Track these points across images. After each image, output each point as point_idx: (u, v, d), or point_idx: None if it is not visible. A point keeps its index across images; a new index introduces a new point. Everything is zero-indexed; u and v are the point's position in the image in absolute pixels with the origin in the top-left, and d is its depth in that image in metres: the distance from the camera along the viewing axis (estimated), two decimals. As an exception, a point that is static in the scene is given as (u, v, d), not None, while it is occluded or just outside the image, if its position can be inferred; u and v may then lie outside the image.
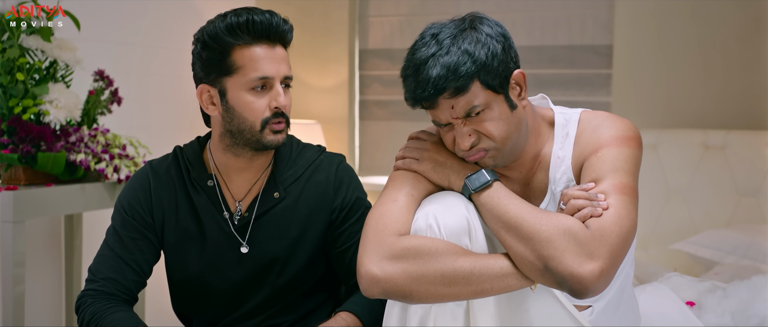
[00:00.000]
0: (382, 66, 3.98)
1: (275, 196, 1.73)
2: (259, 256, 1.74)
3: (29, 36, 2.44)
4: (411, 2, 3.91)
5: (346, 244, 1.76)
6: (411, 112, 3.92)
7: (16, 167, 2.43)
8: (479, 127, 1.46)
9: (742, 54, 3.24)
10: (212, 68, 1.66)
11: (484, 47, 1.43)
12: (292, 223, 1.74)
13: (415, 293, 1.38)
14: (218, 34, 1.63)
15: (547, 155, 1.55)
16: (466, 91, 1.42)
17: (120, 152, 2.58)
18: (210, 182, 1.75)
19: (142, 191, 1.77)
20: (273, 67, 1.65)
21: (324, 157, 1.80)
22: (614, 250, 1.33)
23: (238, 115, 1.66)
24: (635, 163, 1.46)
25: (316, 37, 3.95)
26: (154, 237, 1.76)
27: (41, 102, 2.42)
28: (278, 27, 1.65)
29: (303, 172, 1.76)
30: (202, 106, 1.71)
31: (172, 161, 1.79)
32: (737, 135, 3.10)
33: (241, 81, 1.64)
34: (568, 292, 1.33)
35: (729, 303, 2.11)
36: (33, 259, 2.71)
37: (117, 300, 1.71)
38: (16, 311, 2.32)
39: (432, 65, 1.42)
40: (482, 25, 1.46)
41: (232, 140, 1.69)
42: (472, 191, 1.45)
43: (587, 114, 1.56)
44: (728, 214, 3.06)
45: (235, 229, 1.74)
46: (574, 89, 3.57)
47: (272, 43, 1.66)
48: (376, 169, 4.03)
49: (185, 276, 1.77)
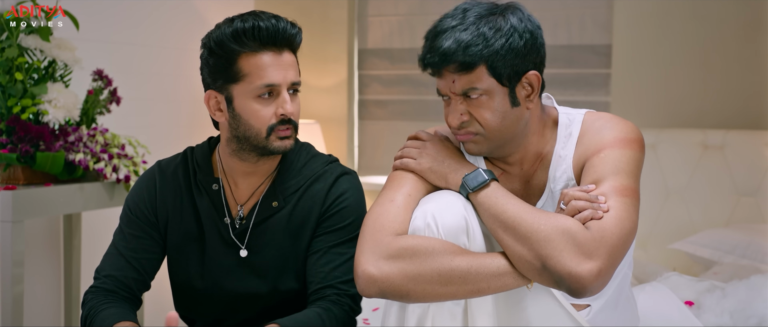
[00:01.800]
0: (381, 66, 3.98)
1: (273, 205, 1.71)
2: (256, 263, 1.73)
3: (28, 35, 2.44)
4: (410, 2, 3.91)
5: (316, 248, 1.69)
6: (410, 111, 3.92)
7: (15, 167, 2.43)
8: (474, 110, 1.47)
9: (740, 54, 3.24)
10: (219, 75, 1.64)
11: (503, 37, 1.44)
12: (285, 232, 1.71)
13: (412, 293, 1.38)
14: (224, 41, 1.61)
15: (549, 154, 1.56)
16: (470, 71, 1.44)
17: (119, 152, 2.58)
18: (215, 186, 1.73)
19: (147, 191, 1.77)
20: (280, 75, 1.62)
21: (329, 168, 1.75)
22: (613, 251, 1.33)
23: (245, 122, 1.64)
24: (637, 165, 1.46)
25: (315, 36, 3.95)
26: (159, 236, 1.76)
27: (40, 101, 2.42)
28: (285, 32, 1.63)
29: (305, 182, 1.73)
30: (210, 111, 1.70)
31: (180, 162, 1.78)
32: (736, 134, 3.10)
33: (247, 88, 1.62)
34: (565, 291, 1.33)
35: (728, 302, 2.11)
36: (32, 259, 2.71)
37: (116, 297, 1.71)
38: (14, 311, 2.31)
39: (448, 37, 1.45)
40: (512, 16, 1.47)
41: (238, 145, 1.68)
42: (469, 191, 1.45)
43: (591, 115, 1.56)
44: (727, 214, 3.06)
45: (235, 233, 1.73)
46: (573, 89, 3.57)
47: (279, 49, 1.63)
48: (375, 168, 4.03)
49: (186, 279, 1.77)
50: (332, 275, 1.66)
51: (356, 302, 1.68)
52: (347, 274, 1.67)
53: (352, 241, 1.68)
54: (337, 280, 1.66)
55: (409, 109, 3.93)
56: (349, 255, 1.67)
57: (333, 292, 1.65)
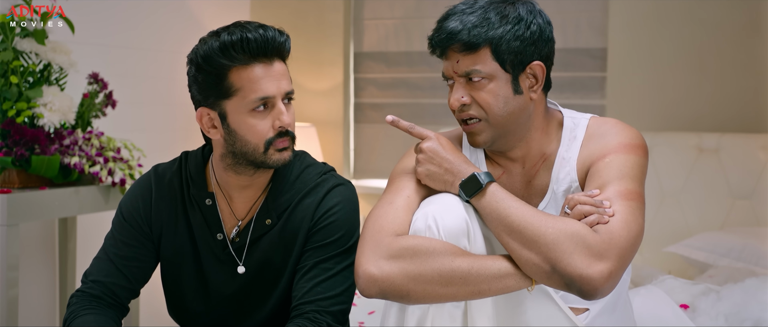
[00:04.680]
0: (377, 69, 3.98)
1: (266, 223, 1.67)
2: (249, 281, 1.70)
3: (23, 39, 2.44)
4: (406, 5, 3.91)
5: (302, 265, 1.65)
6: (406, 115, 3.92)
7: (10, 170, 2.42)
8: (476, 94, 1.49)
9: (736, 57, 3.25)
10: (210, 91, 1.59)
11: (509, 24, 1.48)
12: (277, 248, 1.68)
13: (413, 293, 1.38)
14: (212, 56, 1.55)
15: (552, 155, 1.57)
16: (474, 51, 1.47)
17: (114, 155, 2.58)
18: (208, 201, 1.69)
19: (142, 200, 1.73)
20: (273, 86, 1.57)
21: (322, 179, 1.69)
22: (622, 253, 1.34)
23: (241, 138, 1.59)
24: (642, 170, 1.48)
25: (310, 40, 3.95)
26: (152, 246, 1.73)
27: (35, 105, 2.41)
28: (274, 41, 1.58)
29: (297, 196, 1.67)
30: (203, 129, 1.64)
31: (176, 171, 1.73)
32: (731, 138, 3.11)
33: (241, 103, 1.57)
34: (576, 293, 1.33)
35: (723, 306, 2.12)
36: (27, 263, 2.71)
37: (100, 303, 1.68)
38: (9, 315, 2.31)
39: (456, 19, 1.49)
40: (522, 6, 1.50)
41: (234, 160, 1.63)
42: (467, 198, 1.45)
43: (596, 120, 1.58)
44: (722, 217, 3.07)
45: (231, 250, 1.69)
46: (569, 92, 3.57)
47: (270, 59, 1.58)
48: (371, 172, 4.03)
49: (179, 292, 1.75)
50: (314, 291, 1.61)
51: (338, 319, 1.62)
52: (331, 289, 1.62)
53: (339, 255, 1.64)
54: (318, 297, 1.60)
55: (404, 113, 3.94)
56: (335, 271, 1.63)
57: (311, 309, 1.60)
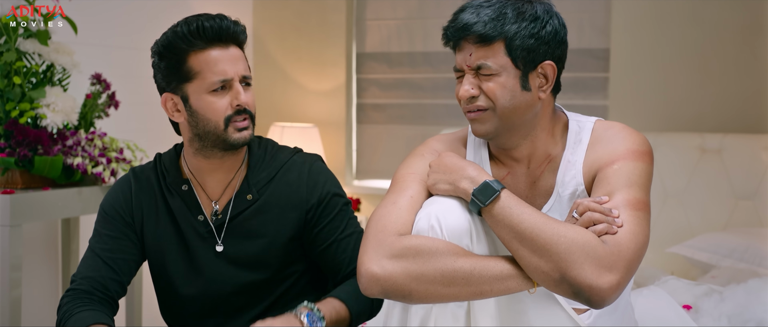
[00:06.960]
0: (380, 69, 3.98)
1: (248, 198, 1.77)
2: (235, 256, 1.77)
3: (26, 40, 2.44)
4: (408, 6, 3.91)
5: (327, 241, 1.77)
6: (408, 115, 3.93)
7: (13, 171, 2.43)
8: (485, 86, 1.50)
9: (738, 57, 3.25)
10: (172, 77, 1.71)
11: (524, 21, 1.48)
12: (264, 223, 1.76)
13: (415, 292, 1.39)
14: (171, 42, 1.69)
15: (558, 157, 1.57)
16: (487, 45, 1.48)
17: (117, 156, 2.58)
18: (184, 186, 1.79)
19: (122, 194, 1.81)
20: (230, 67, 1.69)
21: (297, 157, 1.82)
22: (629, 264, 1.36)
23: (202, 117, 1.70)
24: (648, 178, 1.49)
25: (313, 40, 3.96)
26: (135, 237, 1.79)
27: (38, 106, 2.42)
28: (229, 29, 1.70)
29: (276, 172, 1.79)
30: (168, 114, 1.76)
31: (152, 168, 1.84)
32: (734, 138, 3.10)
33: (201, 85, 1.69)
34: (583, 302, 1.35)
35: (726, 306, 2.12)
36: (30, 263, 2.71)
37: (92, 299, 1.72)
38: (12, 315, 2.31)
39: (472, 11, 1.51)
40: (539, 6, 1.51)
41: (200, 143, 1.73)
42: (481, 206, 1.42)
43: (601, 123, 1.58)
44: (725, 218, 3.06)
45: (210, 229, 1.77)
46: (571, 92, 3.57)
47: (226, 44, 1.70)
48: (374, 172, 4.03)
49: (167, 280, 1.80)
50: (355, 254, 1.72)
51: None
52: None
53: (350, 219, 1.79)
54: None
55: (407, 113, 3.94)
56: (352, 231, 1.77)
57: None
